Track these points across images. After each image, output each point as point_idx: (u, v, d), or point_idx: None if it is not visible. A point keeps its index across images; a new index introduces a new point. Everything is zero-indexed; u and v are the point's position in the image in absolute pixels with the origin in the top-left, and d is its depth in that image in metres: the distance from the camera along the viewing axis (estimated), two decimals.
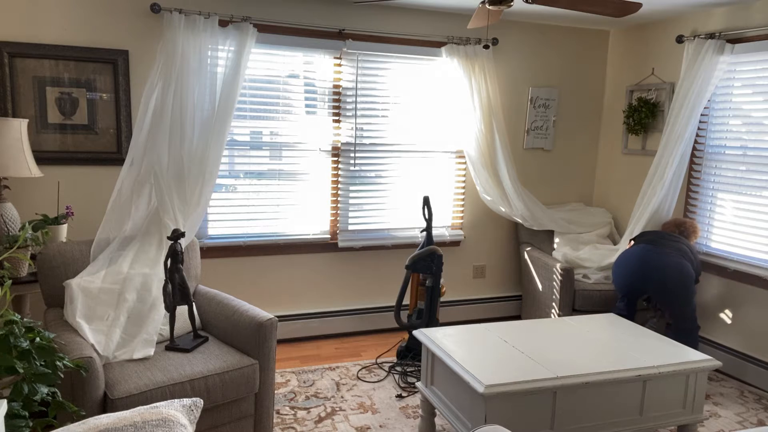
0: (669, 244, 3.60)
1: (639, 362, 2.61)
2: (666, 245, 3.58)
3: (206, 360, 2.61)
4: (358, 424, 3.08)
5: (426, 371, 2.86)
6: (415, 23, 4.22)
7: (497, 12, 2.95)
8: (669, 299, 3.51)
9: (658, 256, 3.51)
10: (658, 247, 3.56)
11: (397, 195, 4.39)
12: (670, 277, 3.46)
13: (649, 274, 3.51)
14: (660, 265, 3.49)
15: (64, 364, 1.88)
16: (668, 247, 3.56)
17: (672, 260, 3.48)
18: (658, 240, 3.63)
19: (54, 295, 2.84)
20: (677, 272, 3.46)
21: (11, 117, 3.31)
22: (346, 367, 3.78)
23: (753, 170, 3.73)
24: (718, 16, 3.91)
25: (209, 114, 3.56)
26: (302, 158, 4.10)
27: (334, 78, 4.09)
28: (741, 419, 3.26)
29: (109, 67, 3.54)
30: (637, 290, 3.62)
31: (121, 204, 3.29)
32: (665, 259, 3.48)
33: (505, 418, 2.37)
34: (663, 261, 3.49)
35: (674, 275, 3.45)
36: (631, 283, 3.60)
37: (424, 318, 3.75)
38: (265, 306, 4.16)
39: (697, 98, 3.87)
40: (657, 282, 3.49)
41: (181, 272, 2.77)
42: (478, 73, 4.27)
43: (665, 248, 3.55)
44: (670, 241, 3.62)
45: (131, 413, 1.30)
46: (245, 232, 4.04)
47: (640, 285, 3.57)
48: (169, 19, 3.43)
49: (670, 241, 3.62)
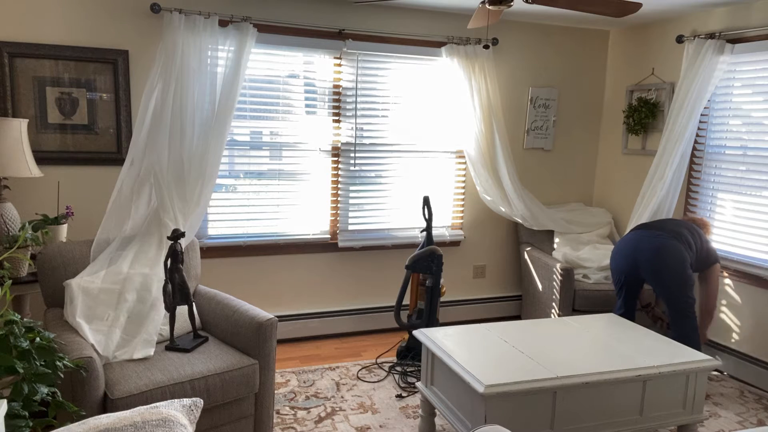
0: (666, 227, 3.53)
1: (639, 362, 2.61)
2: (662, 228, 3.52)
3: (206, 360, 2.61)
4: (358, 424, 3.08)
5: (426, 371, 2.86)
6: (415, 23, 4.22)
7: (497, 12, 2.95)
8: (659, 280, 3.42)
9: (649, 238, 3.47)
10: (653, 230, 3.51)
11: (397, 195, 4.39)
12: (658, 257, 3.40)
13: (638, 255, 3.47)
14: (650, 246, 3.44)
15: (64, 364, 1.88)
16: (664, 230, 3.50)
17: (662, 241, 3.42)
18: (655, 225, 3.59)
19: (54, 295, 2.83)
20: (665, 252, 3.39)
21: (11, 117, 3.31)
22: (346, 367, 3.78)
23: (753, 170, 3.73)
24: (718, 16, 3.91)
25: (209, 114, 3.56)
26: (302, 158, 4.10)
27: (334, 78, 4.09)
28: (741, 419, 3.26)
29: (109, 67, 3.54)
30: (630, 276, 3.56)
31: (121, 204, 3.29)
32: (655, 241, 3.44)
33: (505, 418, 2.37)
34: (653, 243, 3.44)
35: (662, 255, 3.39)
36: (623, 268, 3.56)
37: (424, 318, 3.75)
38: (265, 306, 4.16)
39: (697, 98, 3.87)
40: (645, 262, 3.44)
41: (181, 272, 2.77)
42: (478, 73, 4.27)
43: (660, 231, 3.50)
44: (668, 225, 3.56)
45: (131, 413, 1.30)
46: (245, 232, 4.04)
47: (631, 269, 3.53)
48: (169, 19, 3.43)
49: (669, 225, 3.56)
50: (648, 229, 3.54)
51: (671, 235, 3.46)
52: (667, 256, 3.39)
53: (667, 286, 3.41)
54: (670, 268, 3.38)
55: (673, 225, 3.56)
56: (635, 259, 3.50)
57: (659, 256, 3.40)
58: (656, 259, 3.40)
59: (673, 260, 3.38)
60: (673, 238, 3.44)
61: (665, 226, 3.55)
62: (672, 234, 3.47)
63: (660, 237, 3.45)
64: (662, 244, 3.41)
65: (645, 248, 3.46)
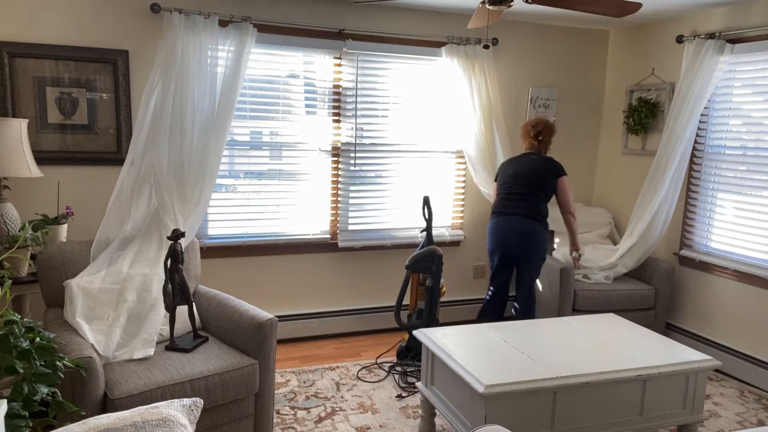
0: (514, 205, 3.77)
1: (639, 362, 2.61)
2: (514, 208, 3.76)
3: (206, 360, 2.61)
4: (358, 424, 3.08)
5: (426, 371, 2.86)
6: (415, 23, 4.22)
7: (497, 12, 2.95)
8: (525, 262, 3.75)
9: (513, 224, 3.74)
10: (515, 215, 3.75)
11: (397, 195, 4.39)
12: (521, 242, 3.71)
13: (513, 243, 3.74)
14: (511, 232, 3.75)
15: (64, 364, 1.88)
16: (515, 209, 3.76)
17: (525, 227, 3.70)
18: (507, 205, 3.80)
19: (54, 295, 2.83)
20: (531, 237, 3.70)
21: (11, 117, 3.31)
22: (346, 367, 3.78)
23: (753, 170, 3.73)
24: (718, 16, 3.91)
25: (209, 114, 3.56)
26: (302, 158, 4.10)
27: (334, 78, 4.09)
28: (741, 419, 3.26)
29: (109, 67, 3.54)
30: (504, 258, 3.82)
31: (121, 204, 3.28)
32: (519, 226, 3.72)
33: (505, 418, 2.37)
34: (518, 228, 3.72)
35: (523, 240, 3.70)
36: (496, 252, 3.83)
37: (424, 318, 3.75)
38: (265, 306, 4.16)
39: (697, 98, 3.87)
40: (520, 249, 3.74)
41: (181, 272, 2.77)
42: (478, 73, 4.27)
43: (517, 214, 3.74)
44: (516, 200, 3.77)
45: (131, 413, 1.30)
46: (245, 232, 4.04)
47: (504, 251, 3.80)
48: (169, 19, 3.43)
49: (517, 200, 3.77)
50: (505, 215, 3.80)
51: (526, 210, 3.73)
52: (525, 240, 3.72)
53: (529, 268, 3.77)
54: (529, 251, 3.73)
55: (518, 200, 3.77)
56: (502, 243, 3.81)
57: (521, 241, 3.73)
58: (518, 244, 3.73)
59: (529, 243, 3.72)
60: (527, 215, 3.71)
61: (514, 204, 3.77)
62: (525, 207, 3.73)
63: (515, 218, 3.75)
64: (521, 229, 3.72)
65: (507, 234, 3.77)
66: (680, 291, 4.22)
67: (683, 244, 4.20)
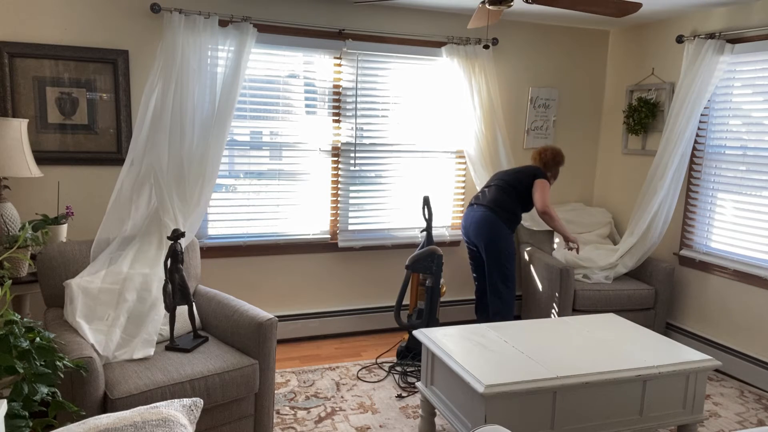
0: (480, 197, 3.88)
1: (639, 362, 2.61)
2: (479, 200, 3.87)
3: (206, 360, 2.61)
4: (358, 424, 3.08)
5: (426, 371, 2.86)
6: (415, 23, 4.22)
7: (497, 12, 2.95)
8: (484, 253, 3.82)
9: (473, 213, 3.85)
10: (478, 205, 3.84)
11: (397, 195, 4.39)
12: (476, 231, 3.80)
13: (471, 232, 3.87)
14: (470, 221, 3.87)
15: (64, 364, 1.88)
16: (480, 201, 3.86)
17: (481, 215, 3.79)
18: (476, 197, 3.95)
19: (54, 295, 2.84)
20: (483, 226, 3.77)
21: (11, 117, 3.31)
22: (346, 367, 3.78)
23: (753, 170, 3.73)
24: (718, 16, 3.91)
25: (209, 114, 3.56)
26: (302, 158, 4.10)
27: (334, 78, 4.09)
28: (741, 419, 3.27)
29: (109, 67, 3.54)
30: (470, 248, 3.99)
31: (121, 204, 3.28)
32: (476, 215, 3.82)
33: (505, 418, 2.37)
34: (475, 217, 3.83)
35: (477, 229, 3.79)
36: (465, 242, 3.98)
37: (424, 318, 3.75)
38: (265, 306, 4.16)
39: (697, 98, 3.87)
40: (476, 238, 3.84)
41: (181, 272, 2.77)
42: (478, 73, 4.27)
43: (480, 204, 3.83)
44: (484, 194, 3.89)
45: (131, 413, 1.30)
46: (245, 232, 4.04)
47: (468, 241, 3.95)
48: (169, 19, 3.44)
49: (485, 194, 3.88)
50: (476, 205, 3.87)
51: (494, 204, 3.78)
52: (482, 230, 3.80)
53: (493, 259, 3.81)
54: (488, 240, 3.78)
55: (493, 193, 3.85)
56: (468, 233, 3.94)
57: (480, 232, 3.81)
58: (479, 234, 3.81)
59: (487, 231, 3.78)
60: (491, 209, 3.77)
61: (485, 196, 3.89)
62: (494, 202, 3.79)
63: (479, 209, 3.84)
64: (480, 219, 3.81)
65: (469, 224, 3.89)
66: (680, 291, 4.22)
67: (683, 244, 4.20)
